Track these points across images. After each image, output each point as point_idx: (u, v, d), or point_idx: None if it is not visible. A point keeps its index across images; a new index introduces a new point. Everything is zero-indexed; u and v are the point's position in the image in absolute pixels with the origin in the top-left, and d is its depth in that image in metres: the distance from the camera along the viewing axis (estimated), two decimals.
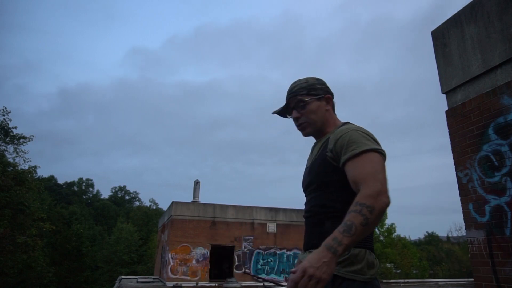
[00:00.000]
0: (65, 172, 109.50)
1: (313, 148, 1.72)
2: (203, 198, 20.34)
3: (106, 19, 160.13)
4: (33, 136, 23.70)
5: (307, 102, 1.63)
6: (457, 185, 4.11)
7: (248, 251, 18.72)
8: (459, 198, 4.05)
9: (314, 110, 1.63)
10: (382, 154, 1.40)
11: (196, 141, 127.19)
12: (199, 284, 17.12)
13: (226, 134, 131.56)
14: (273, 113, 1.75)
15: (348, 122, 1.65)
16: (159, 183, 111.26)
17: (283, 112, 1.74)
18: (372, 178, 1.26)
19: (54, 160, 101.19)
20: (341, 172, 1.44)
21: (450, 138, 4.24)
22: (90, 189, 71.40)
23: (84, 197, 67.97)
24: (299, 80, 1.70)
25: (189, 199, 20.29)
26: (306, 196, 1.67)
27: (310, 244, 1.53)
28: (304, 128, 1.66)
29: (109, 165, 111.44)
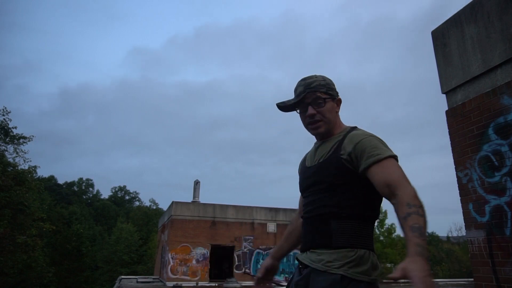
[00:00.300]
0: (65, 172, 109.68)
1: (316, 148, 1.68)
2: (203, 198, 20.36)
3: (107, 19, 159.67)
4: (33, 136, 23.74)
5: (326, 101, 1.61)
6: (457, 185, 4.11)
7: (248, 251, 18.72)
8: (459, 198, 4.05)
9: (330, 110, 1.62)
10: (398, 161, 1.48)
11: (196, 141, 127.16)
12: (199, 284, 17.11)
13: (227, 134, 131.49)
14: (279, 104, 1.67)
15: (356, 127, 1.66)
16: (159, 183, 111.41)
17: (291, 106, 1.66)
18: (406, 181, 1.34)
19: (55, 160, 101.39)
20: (353, 175, 1.48)
21: (450, 138, 4.24)
22: (90, 189, 71.47)
23: (84, 197, 68.00)
24: (315, 76, 1.65)
25: (189, 199, 20.31)
26: (306, 195, 1.64)
27: (315, 243, 1.51)
28: (319, 126, 1.62)
29: (110, 165, 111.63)
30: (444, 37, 4.53)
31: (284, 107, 1.67)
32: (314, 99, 1.59)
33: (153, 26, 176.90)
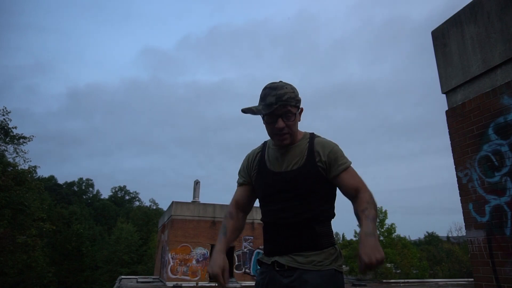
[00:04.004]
0: (70, 172, 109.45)
1: (282, 154, 1.71)
2: (207, 198, 20.39)
3: (120, 19, 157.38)
4: (33, 136, 23.74)
5: (295, 115, 1.65)
6: (457, 185, 4.11)
7: (248, 251, 18.72)
8: (459, 198, 4.05)
9: (296, 122, 1.68)
10: None
11: (203, 141, 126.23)
12: (199, 284, 17.11)
13: (234, 134, 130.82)
14: (245, 110, 1.68)
15: (314, 133, 1.81)
16: (164, 184, 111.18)
17: (260, 114, 1.67)
18: (365, 185, 1.67)
19: (60, 160, 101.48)
20: (325, 181, 1.67)
21: (450, 138, 4.25)
22: (90, 189, 71.46)
23: (84, 197, 67.99)
24: (286, 87, 1.63)
25: (190, 199, 20.31)
26: (276, 200, 1.68)
27: (301, 247, 1.61)
28: (286, 139, 1.66)
29: (116, 165, 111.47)
30: (444, 37, 4.52)
31: (251, 113, 1.67)
32: (285, 112, 1.61)
33: (166, 26, 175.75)
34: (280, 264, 1.62)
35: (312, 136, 1.78)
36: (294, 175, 1.66)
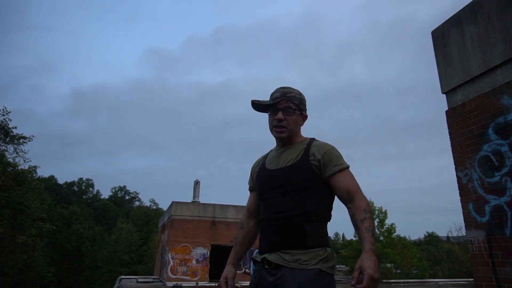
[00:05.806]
0: (71, 172, 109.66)
1: (280, 153, 1.83)
2: (210, 199, 20.36)
3: (125, 19, 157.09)
4: (33, 136, 23.74)
5: (295, 112, 1.80)
6: (457, 185, 4.11)
7: (248, 251, 18.74)
8: (459, 198, 4.05)
9: (295, 121, 1.81)
10: None
11: (207, 141, 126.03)
12: (199, 284, 17.11)
13: (238, 135, 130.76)
14: (254, 101, 1.79)
15: (315, 138, 1.88)
16: (165, 184, 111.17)
17: (264, 106, 1.81)
18: (361, 190, 1.68)
19: (62, 160, 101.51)
20: (319, 180, 1.70)
21: (450, 138, 4.25)
22: (90, 189, 71.49)
23: (84, 197, 67.99)
24: (293, 89, 1.83)
25: (190, 199, 20.30)
26: (270, 196, 1.75)
27: (288, 245, 1.64)
28: (282, 131, 1.79)
29: (116, 166, 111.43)
30: (444, 37, 4.52)
31: (258, 105, 1.80)
32: (286, 107, 1.78)
33: (170, 26, 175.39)
34: (269, 261, 1.66)
35: (312, 139, 1.85)
36: (286, 171, 1.73)
